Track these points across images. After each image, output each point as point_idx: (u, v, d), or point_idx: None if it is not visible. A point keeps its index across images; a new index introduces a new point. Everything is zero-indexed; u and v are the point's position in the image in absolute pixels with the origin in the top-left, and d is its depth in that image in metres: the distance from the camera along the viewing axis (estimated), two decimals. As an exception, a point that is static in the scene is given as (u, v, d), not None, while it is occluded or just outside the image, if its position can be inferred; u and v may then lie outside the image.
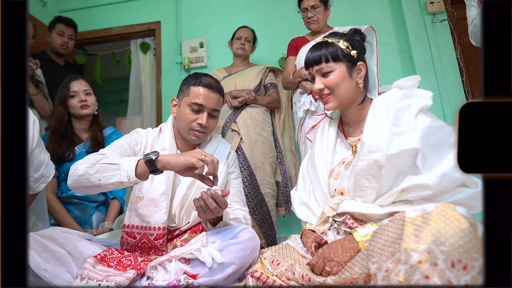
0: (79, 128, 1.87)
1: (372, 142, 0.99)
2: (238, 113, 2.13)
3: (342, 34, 1.14)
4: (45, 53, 2.42)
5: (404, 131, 0.96)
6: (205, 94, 1.21)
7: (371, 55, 1.96)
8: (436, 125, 0.95)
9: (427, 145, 0.92)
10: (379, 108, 1.05)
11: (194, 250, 1.01)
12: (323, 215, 1.08)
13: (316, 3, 1.99)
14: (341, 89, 1.08)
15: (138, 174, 0.99)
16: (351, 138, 1.15)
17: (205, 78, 1.25)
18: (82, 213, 1.81)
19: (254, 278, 0.99)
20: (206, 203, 0.99)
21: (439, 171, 0.89)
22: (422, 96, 1.02)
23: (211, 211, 1.00)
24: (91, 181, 1.00)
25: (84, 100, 1.81)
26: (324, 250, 0.93)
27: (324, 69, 1.09)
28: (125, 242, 1.18)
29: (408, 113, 0.99)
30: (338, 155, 1.16)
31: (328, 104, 1.11)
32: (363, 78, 1.10)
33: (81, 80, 1.86)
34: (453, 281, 0.65)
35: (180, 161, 0.98)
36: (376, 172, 0.97)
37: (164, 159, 0.99)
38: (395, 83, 1.08)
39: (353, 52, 1.10)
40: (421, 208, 0.76)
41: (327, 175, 1.14)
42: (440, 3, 2.66)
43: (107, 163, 1.01)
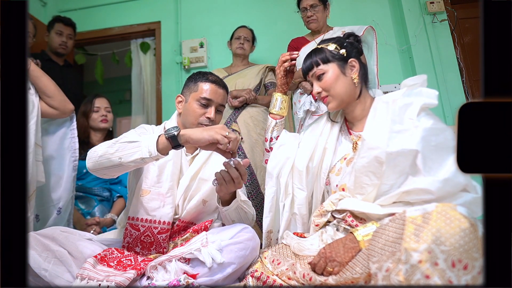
0: (95, 139, 2.03)
1: (372, 139, 0.99)
2: (238, 113, 2.13)
3: (332, 39, 1.18)
4: (45, 53, 2.42)
5: (405, 129, 0.96)
6: (213, 90, 1.25)
7: (371, 55, 1.97)
8: (438, 127, 0.95)
9: (428, 146, 0.92)
10: (380, 106, 1.06)
11: (194, 250, 1.01)
12: (322, 208, 1.08)
13: (315, 2, 1.99)
14: (337, 88, 1.10)
15: (160, 149, 0.99)
16: (355, 132, 1.16)
17: (211, 75, 1.30)
18: (86, 205, 1.90)
19: (254, 278, 0.99)
20: (229, 172, 1.02)
21: (442, 176, 0.88)
22: (426, 94, 1.02)
23: (233, 182, 1.03)
24: (112, 161, 1.01)
25: (105, 115, 2.04)
26: (326, 250, 0.93)
27: (317, 72, 1.12)
28: (128, 235, 1.19)
29: (410, 110, 0.99)
30: (341, 150, 1.17)
31: (329, 105, 1.14)
32: (357, 73, 1.12)
33: (104, 98, 2.10)
34: (453, 280, 0.65)
35: (204, 137, 0.99)
36: (377, 169, 0.97)
37: (187, 133, 1.00)
38: (404, 82, 1.09)
39: (342, 51, 1.12)
40: (422, 207, 0.76)
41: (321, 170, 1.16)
42: (440, 3, 2.66)
43: (126, 141, 1.03)
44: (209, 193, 1.25)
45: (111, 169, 1.03)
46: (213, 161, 1.29)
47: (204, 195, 1.24)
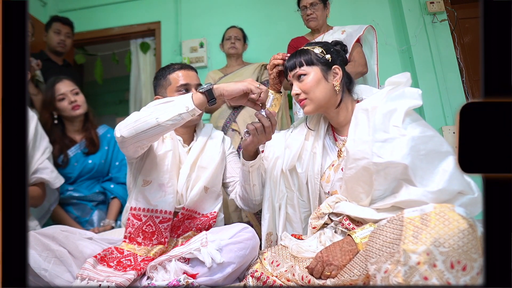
0: (72, 130, 1.83)
1: (356, 150, 0.97)
2: (237, 112, 2.13)
3: (319, 43, 1.18)
4: (44, 53, 2.42)
5: (391, 137, 0.93)
6: (184, 74, 1.30)
7: (372, 54, 1.97)
8: (427, 134, 0.92)
9: (418, 156, 0.89)
10: (360, 114, 1.03)
11: (194, 250, 1.01)
12: (319, 211, 1.08)
13: (315, 1, 1.99)
14: (316, 92, 1.08)
15: (196, 104, 1.01)
16: (340, 137, 1.15)
17: (175, 64, 1.34)
18: (82, 212, 1.81)
19: (254, 278, 0.99)
20: (262, 121, 1.06)
21: (435, 186, 0.86)
22: (410, 95, 0.98)
23: (264, 133, 1.07)
24: (149, 123, 1.01)
25: (74, 101, 1.76)
26: (323, 254, 0.93)
27: (298, 72, 1.10)
28: (130, 225, 1.21)
29: (395, 117, 0.95)
30: (329, 155, 1.16)
31: (305, 108, 1.11)
32: (339, 81, 1.10)
33: (66, 81, 1.79)
34: (452, 282, 0.65)
35: (238, 87, 1.05)
36: (367, 177, 0.96)
37: (221, 86, 1.05)
38: (388, 80, 1.06)
39: (328, 56, 1.11)
40: (420, 208, 0.76)
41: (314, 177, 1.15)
42: (440, 3, 2.66)
43: (161, 102, 1.04)
44: (210, 180, 1.29)
45: (149, 132, 1.02)
46: (208, 149, 1.34)
47: (205, 182, 1.28)
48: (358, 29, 1.90)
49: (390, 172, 0.92)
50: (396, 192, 0.94)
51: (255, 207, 1.28)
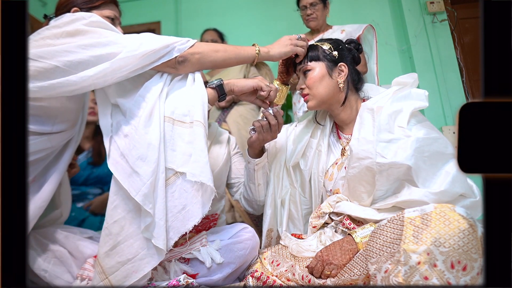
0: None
1: (360, 149, 0.97)
2: (227, 112, 2.11)
3: (329, 39, 1.18)
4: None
5: (396, 138, 0.93)
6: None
7: (371, 53, 1.97)
8: (432, 136, 0.92)
9: (421, 157, 0.89)
10: (365, 114, 1.03)
11: (193, 250, 1.01)
12: (319, 210, 1.08)
13: (315, 1, 2.00)
14: (319, 87, 1.09)
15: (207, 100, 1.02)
16: (344, 135, 1.15)
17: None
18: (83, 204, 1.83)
19: (254, 278, 0.99)
20: (268, 119, 1.08)
21: (437, 188, 0.86)
22: (416, 97, 0.98)
23: (270, 131, 1.08)
24: None
25: (92, 108, 1.86)
26: (323, 253, 0.92)
27: (304, 67, 1.12)
28: None
29: (400, 118, 0.95)
30: (333, 154, 1.16)
31: (308, 103, 1.12)
32: (344, 78, 1.10)
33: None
34: (452, 282, 0.65)
35: (248, 84, 1.07)
36: (370, 177, 0.96)
37: (231, 82, 1.06)
38: (395, 80, 1.06)
39: (335, 53, 1.11)
40: (420, 208, 0.76)
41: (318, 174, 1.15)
42: (440, 3, 2.66)
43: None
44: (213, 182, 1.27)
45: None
46: (213, 150, 1.32)
47: None
48: (358, 29, 1.91)
49: (393, 173, 0.92)
50: (397, 193, 0.94)
51: (259, 208, 1.26)
